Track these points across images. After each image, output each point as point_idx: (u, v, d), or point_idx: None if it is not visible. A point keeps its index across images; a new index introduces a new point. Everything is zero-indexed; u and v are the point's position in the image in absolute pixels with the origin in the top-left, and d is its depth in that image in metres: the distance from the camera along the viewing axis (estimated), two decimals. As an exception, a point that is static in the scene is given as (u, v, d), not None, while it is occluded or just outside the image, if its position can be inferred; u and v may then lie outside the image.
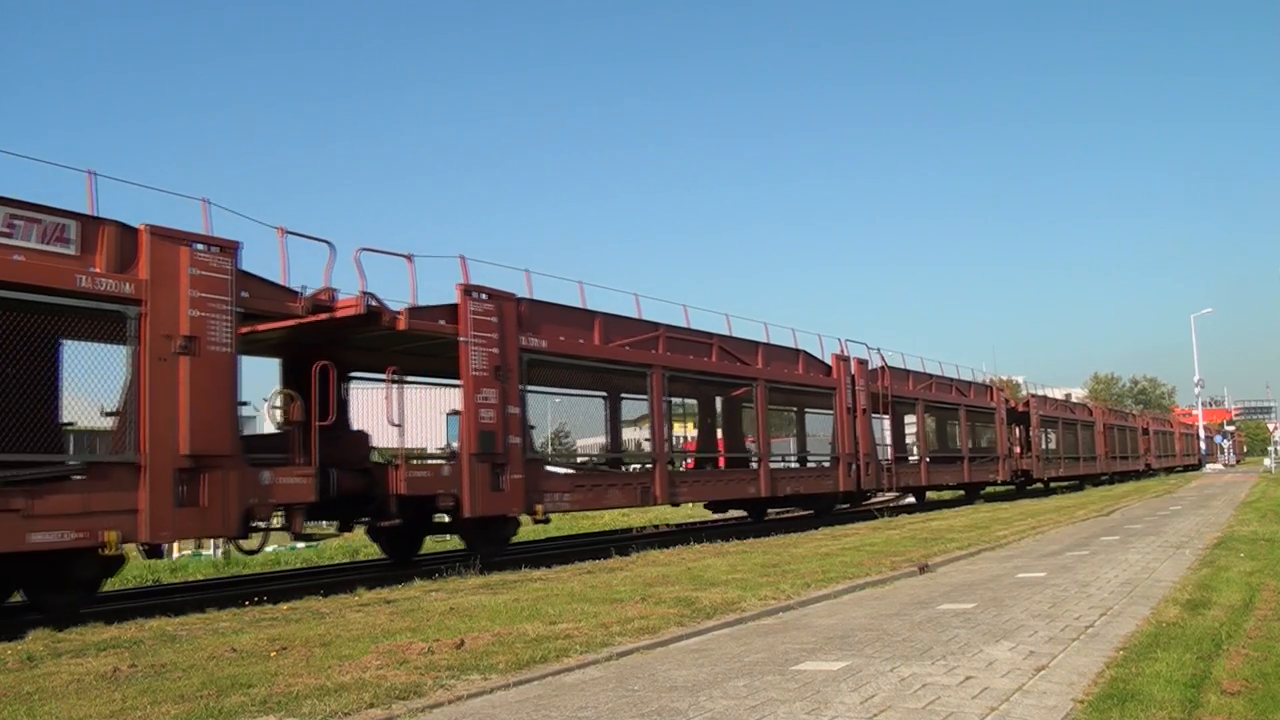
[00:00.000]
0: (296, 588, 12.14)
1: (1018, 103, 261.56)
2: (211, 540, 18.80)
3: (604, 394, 20.68)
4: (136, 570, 17.31)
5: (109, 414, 10.77)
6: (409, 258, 13.97)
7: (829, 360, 24.53)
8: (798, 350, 23.54)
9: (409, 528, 15.03)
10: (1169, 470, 63.09)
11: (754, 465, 21.36)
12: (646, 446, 19.88)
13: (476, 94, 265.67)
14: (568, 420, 22.58)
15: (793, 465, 24.24)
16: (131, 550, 11.15)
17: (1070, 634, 7.22)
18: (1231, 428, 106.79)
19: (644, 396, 18.65)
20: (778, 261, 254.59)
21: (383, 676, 6.21)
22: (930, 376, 30.41)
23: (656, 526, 23.42)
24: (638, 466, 19.78)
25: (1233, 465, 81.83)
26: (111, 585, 15.83)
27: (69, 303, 10.06)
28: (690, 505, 22.98)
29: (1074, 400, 59.33)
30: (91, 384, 10.89)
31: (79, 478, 10.15)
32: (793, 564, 12.54)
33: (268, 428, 15.35)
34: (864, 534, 17.83)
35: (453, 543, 17.79)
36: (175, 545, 19.57)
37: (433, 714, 5.47)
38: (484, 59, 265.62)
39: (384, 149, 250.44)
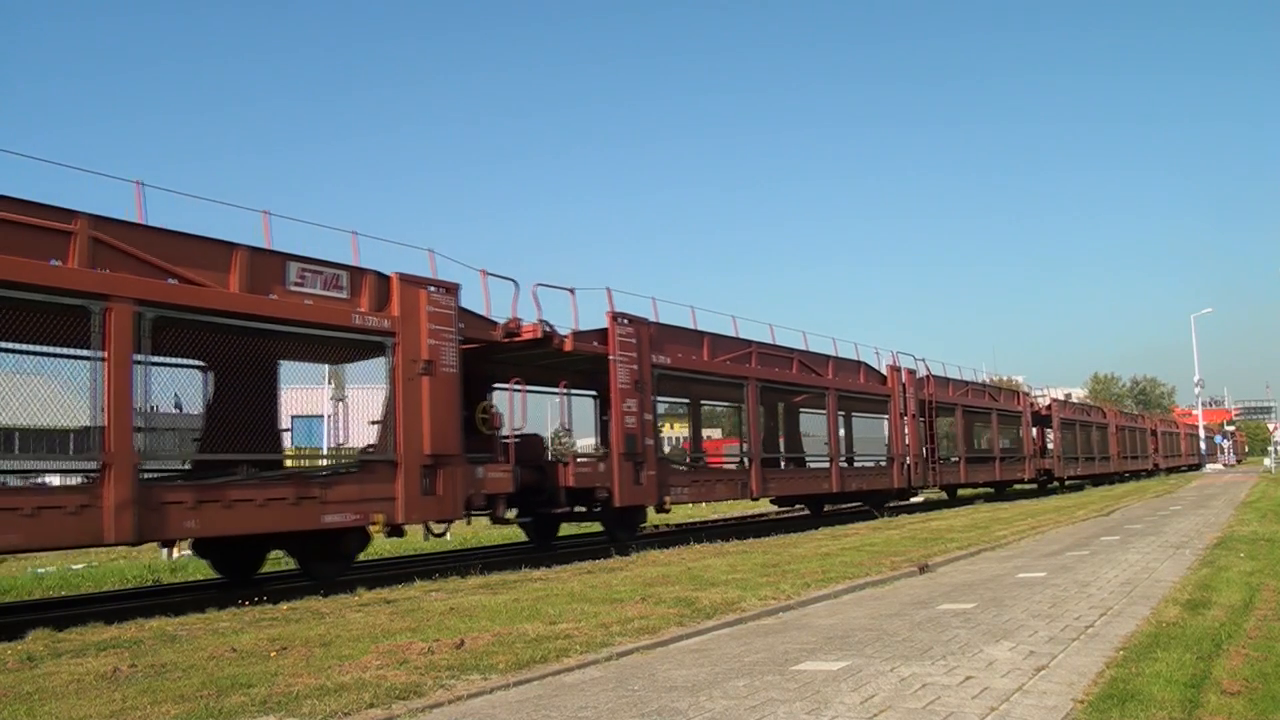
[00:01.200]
0: (296, 588, 12.14)
1: (1018, 102, 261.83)
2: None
3: (716, 403, 24.24)
4: (136, 570, 17.33)
5: (374, 422, 13.51)
6: (571, 290, 17.12)
7: (884, 370, 27.61)
8: (859, 362, 26.57)
9: (553, 517, 17.84)
10: (1174, 469, 64.56)
11: (826, 464, 24.38)
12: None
13: (475, 94, 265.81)
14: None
15: (856, 464, 26.79)
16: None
17: (1070, 634, 7.21)
18: (1231, 428, 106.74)
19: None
20: (777, 261, 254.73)
21: (383, 676, 6.21)
22: (966, 384, 33.64)
23: (656, 527, 23.45)
24: (734, 464, 22.57)
25: (1233, 465, 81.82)
26: (112, 585, 15.89)
27: (349, 337, 12.95)
28: (690, 505, 24.37)
29: (1073, 400, 59.84)
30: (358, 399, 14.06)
31: (355, 471, 12.88)
32: (793, 564, 12.54)
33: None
34: (864, 534, 17.83)
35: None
36: (176, 546, 19.60)
37: (433, 714, 5.47)
38: (482, 60, 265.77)
39: (384, 149, 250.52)
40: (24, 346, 11.61)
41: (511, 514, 16.78)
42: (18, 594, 15.09)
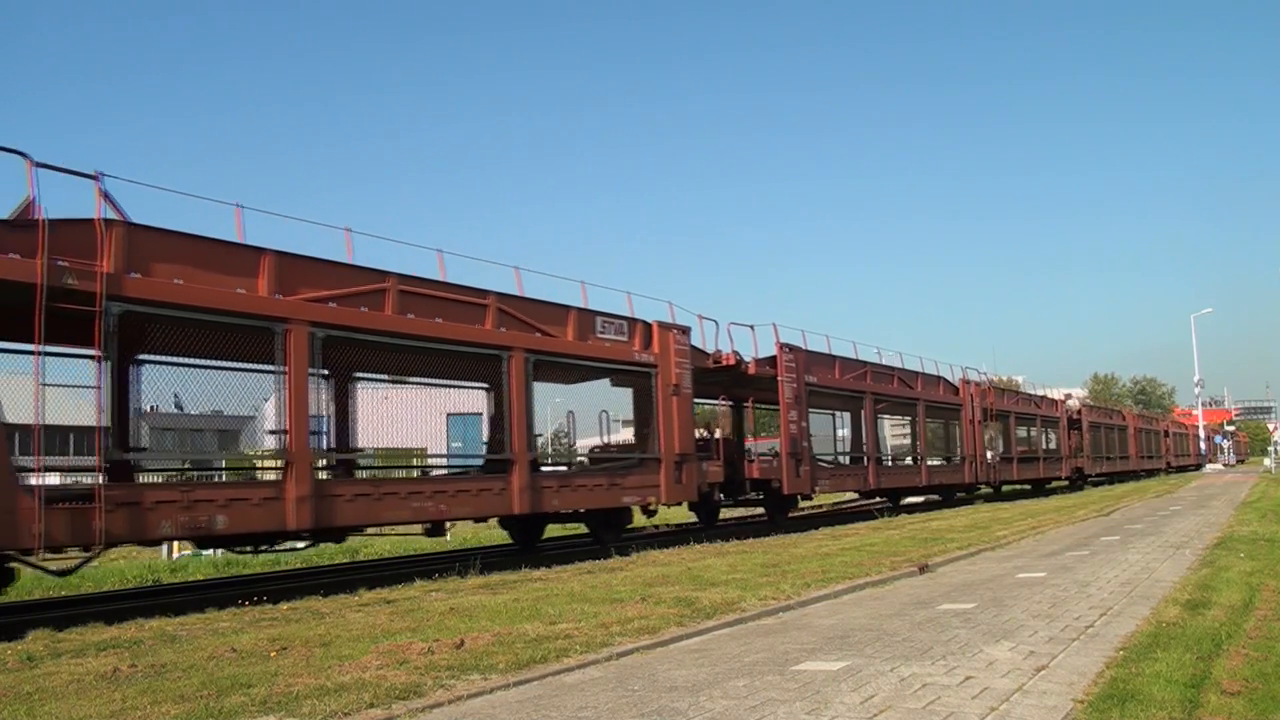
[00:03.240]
0: (296, 588, 12.13)
1: (1018, 103, 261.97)
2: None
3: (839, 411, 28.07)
4: (136, 570, 17.34)
5: (643, 431, 18.69)
6: (751, 327, 21.64)
7: (957, 384, 32.41)
8: (939, 377, 31.38)
9: (716, 503, 22.06)
10: (1180, 469, 67.55)
11: (916, 463, 29.17)
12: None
13: (476, 94, 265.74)
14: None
15: (936, 463, 30.90)
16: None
17: (1070, 634, 7.21)
18: (1232, 428, 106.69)
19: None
20: (777, 261, 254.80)
21: (383, 676, 6.20)
22: (1018, 394, 39.91)
23: (656, 527, 23.48)
24: (831, 462, 26.40)
25: (1233, 465, 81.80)
26: (112, 585, 15.88)
27: (630, 369, 18.01)
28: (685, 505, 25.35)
29: (1073, 399, 60.99)
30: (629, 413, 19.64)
31: (637, 466, 17.76)
32: (793, 564, 12.54)
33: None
34: (864, 534, 17.83)
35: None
36: (176, 546, 19.62)
37: (433, 714, 5.47)
38: (482, 60, 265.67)
39: (382, 149, 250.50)
40: (461, 383, 16.80)
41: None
42: (18, 594, 15.06)
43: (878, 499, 30.83)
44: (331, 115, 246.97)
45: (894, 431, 34.40)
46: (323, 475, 13.02)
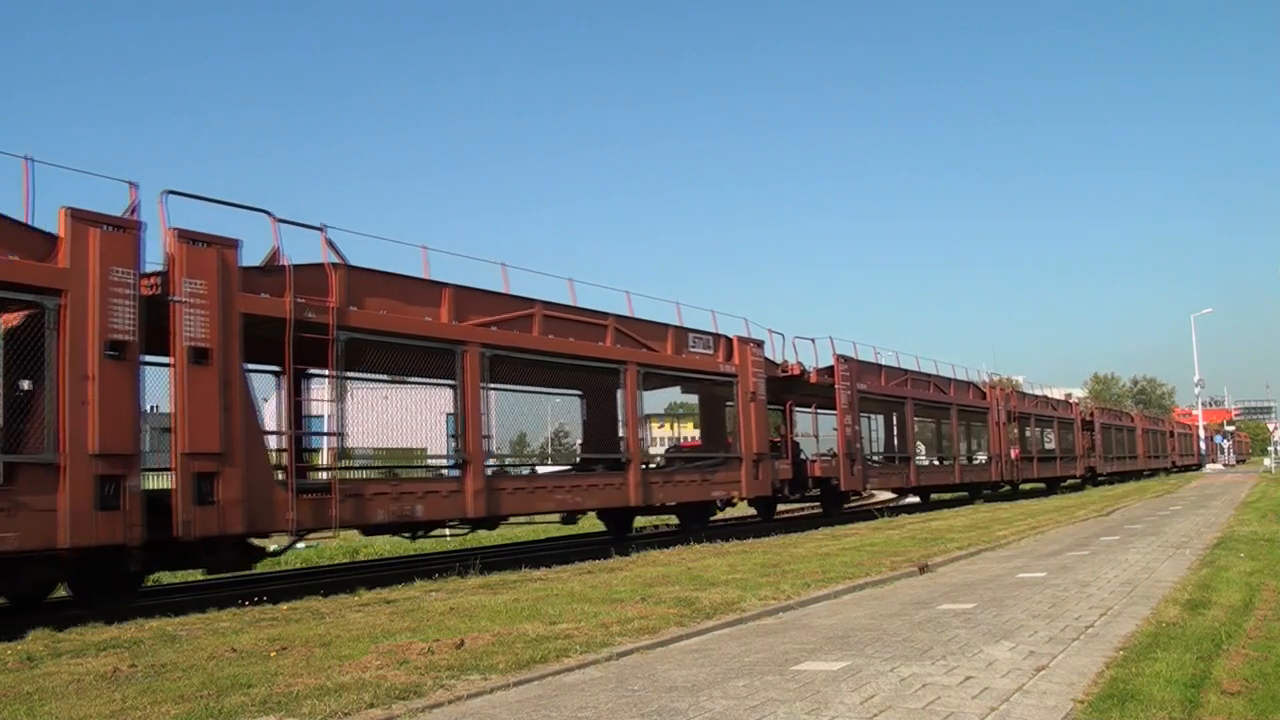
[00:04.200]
0: (296, 588, 12.14)
1: (1017, 102, 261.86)
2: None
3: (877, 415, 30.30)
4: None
5: (717, 433, 21.90)
6: (812, 340, 24.81)
7: (984, 388, 34.99)
8: (969, 383, 33.97)
9: (775, 499, 23.80)
10: (1185, 468, 69.45)
11: (951, 462, 31.97)
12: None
13: (474, 94, 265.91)
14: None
15: (966, 463, 33.31)
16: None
17: (1070, 634, 7.21)
18: (1232, 428, 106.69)
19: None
20: (776, 260, 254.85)
21: (383, 676, 6.21)
22: (1037, 398, 42.32)
23: (656, 527, 23.53)
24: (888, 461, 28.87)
25: (1232, 465, 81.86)
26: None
27: (714, 378, 20.40)
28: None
29: (1073, 400, 61.57)
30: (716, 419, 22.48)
31: (722, 464, 20.17)
32: (793, 564, 12.54)
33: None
34: (864, 534, 17.83)
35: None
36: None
37: (433, 714, 5.47)
38: (479, 59, 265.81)
39: (383, 147, 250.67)
40: (563, 391, 20.28)
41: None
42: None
43: (912, 495, 33.48)
44: (330, 115, 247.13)
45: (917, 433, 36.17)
46: (489, 472, 14.99)
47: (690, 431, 30.71)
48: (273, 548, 13.02)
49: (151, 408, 12.17)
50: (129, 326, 10.36)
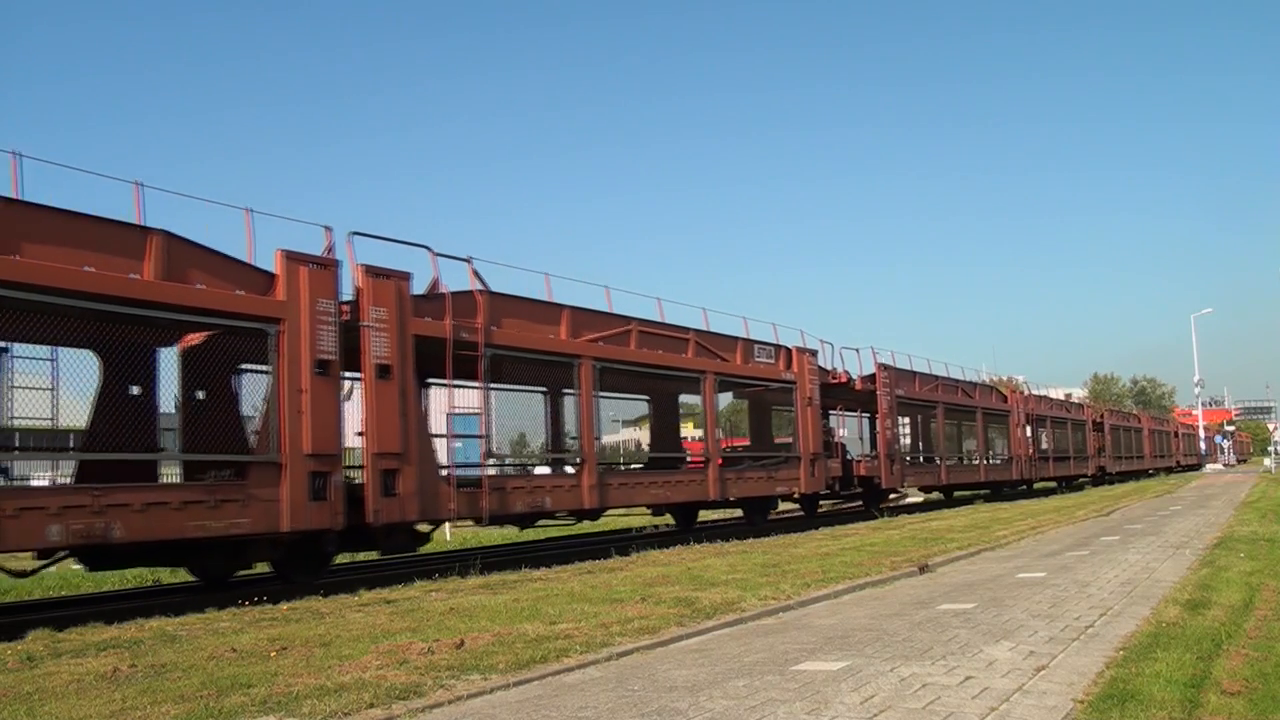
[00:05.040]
0: (296, 588, 12.12)
1: (1017, 102, 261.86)
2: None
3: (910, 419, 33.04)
4: (136, 570, 17.29)
5: (771, 435, 24.31)
6: (857, 350, 27.22)
7: (1006, 392, 38.49)
8: (993, 387, 37.55)
9: (814, 497, 25.32)
10: (1187, 468, 70.80)
11: (976, 462, 34.62)
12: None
13: (473, 93, 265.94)
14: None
15: (992, 462, 36.32)
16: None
17: (1070, 634, 7.21)
18: (1232, 428, 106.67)
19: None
20: (775, 260, 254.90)
21: (383, 676, 6.20)
22: (1054, 401, 45.93)
23: (656, 527, 23.55)
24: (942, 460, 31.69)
25: (1232, 465, 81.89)
26: (112, 585, 15.88)
27: (776, 384, 22.49)
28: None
29: (1074, 400, 62.83)
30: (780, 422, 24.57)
31: (783, 462, 22.33)
32: (793, 564, 12.54)
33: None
34: (864, 534, 17.83)
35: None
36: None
37: (433, 714, 5.47)
38: (478, 58, 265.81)
39: (382, 147, 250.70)
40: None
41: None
42: (18, 594, 15.08)
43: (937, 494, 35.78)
44: (329, 114, 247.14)
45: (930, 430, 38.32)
46: (600, 470, 17.03)
47: (691, 431, 31.39)
48: (424, 529, 14.58)
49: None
50: (332, 347, 12.34)
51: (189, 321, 11.55)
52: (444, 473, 13.95)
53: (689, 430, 27.19)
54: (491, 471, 15.52)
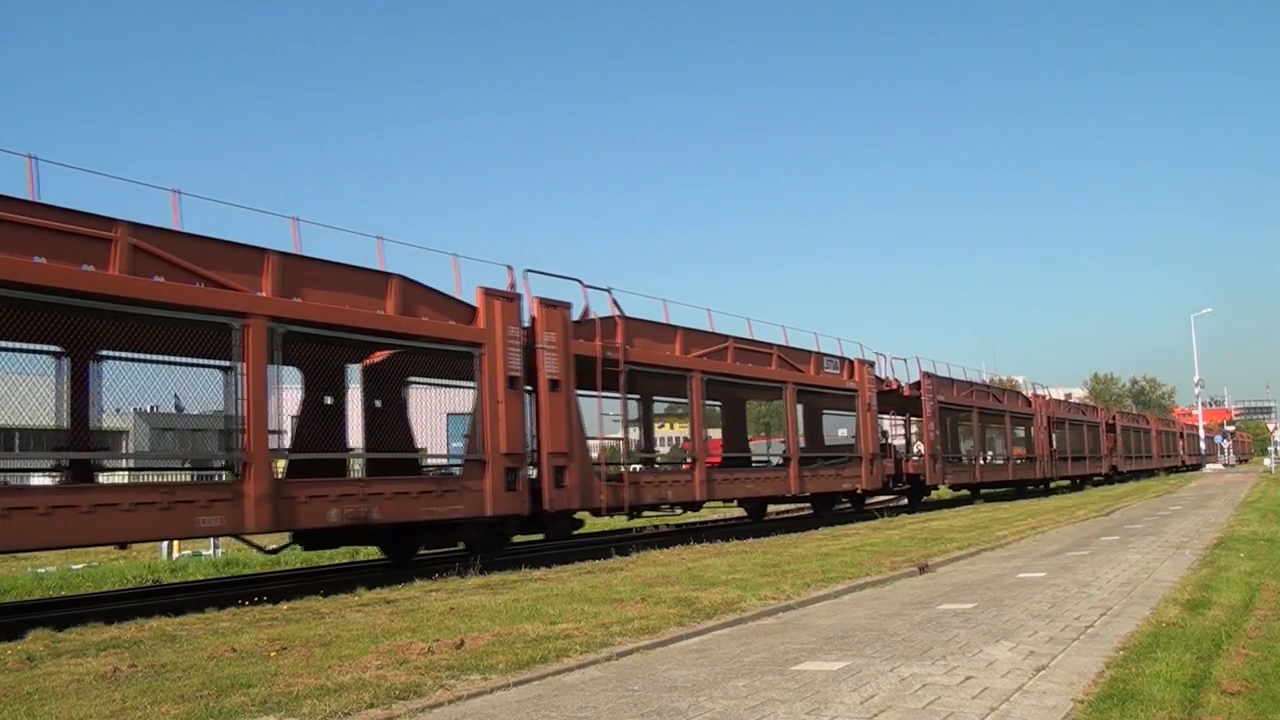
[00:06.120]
0: (296, 588, 12.14)
1: (1017, 100, 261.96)
2: (212, 540, 19.79)
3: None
4: (136, 571, 17.32)
5: (850, 436, 26.86)
6: (905, 360, 30.04)
7: (1030, 396, 41.42)
8: (1019, 393, 41.52)
9: (872, 492, 27.40)
10: (1190, 468, 72.24)
11: (1006, 462, 37.11)
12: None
13: (472, 93, 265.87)
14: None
15: (1015, 461, 38.21)
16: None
17: (1070, 634, 7.21)
18: (1232, 428, 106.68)
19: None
20: (775, 259, 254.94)
21: (383, 676, 6.20)
22: (1070, 404, 50.27)
23: (656, 527, 23.54)
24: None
25: (1232, 465, 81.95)
26: (112, 585, 15.88)
27: (844, 393, 25.69)
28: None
29: (1074, 400, 63.72)
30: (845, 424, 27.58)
31: (849, 461, 25.12)
32: (793, 564, 12.54)
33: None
34: (864, 534, 17.83)
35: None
36: (175, 545, 19.65)
37: (433, 714, 5.47)
38: (478, 58, 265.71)
39: (381, 147, 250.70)
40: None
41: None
42: (18, 594, 15.09)
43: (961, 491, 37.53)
44: (329, 113, 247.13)
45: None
46: (709, 467, 19.70)
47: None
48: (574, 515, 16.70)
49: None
50: (518, 366, 14.99)
51: (417, 347, 14.46)
52: (595, 469, 16.56)
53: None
54: (635, 468, 18.75)
